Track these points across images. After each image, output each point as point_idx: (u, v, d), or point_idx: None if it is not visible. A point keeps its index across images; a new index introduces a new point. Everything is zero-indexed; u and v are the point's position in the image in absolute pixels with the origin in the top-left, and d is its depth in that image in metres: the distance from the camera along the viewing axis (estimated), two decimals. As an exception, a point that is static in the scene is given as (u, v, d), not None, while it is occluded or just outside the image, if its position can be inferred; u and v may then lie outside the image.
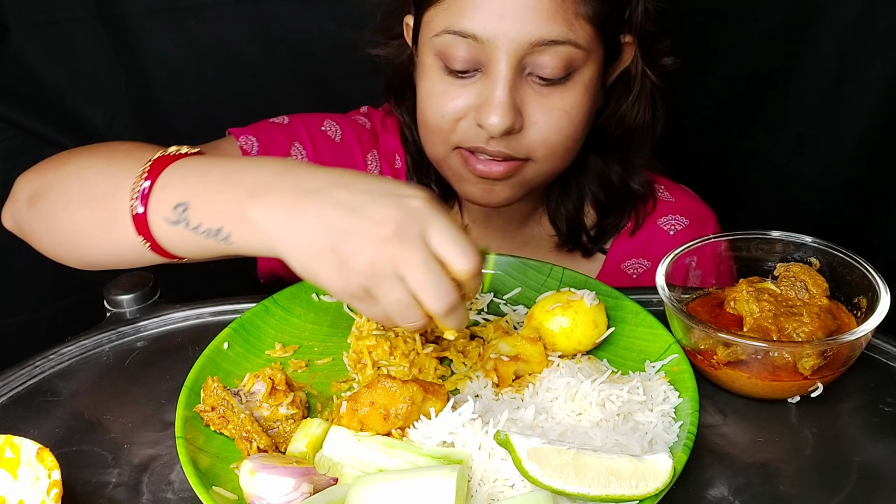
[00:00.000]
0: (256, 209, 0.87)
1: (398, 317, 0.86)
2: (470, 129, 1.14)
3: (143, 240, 0.95)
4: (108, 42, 1.61)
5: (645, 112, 1.28)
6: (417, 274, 0.83)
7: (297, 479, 0.82)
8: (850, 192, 1.75)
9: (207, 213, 0.90)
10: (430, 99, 1.16)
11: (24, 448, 0.83)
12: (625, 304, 1.08)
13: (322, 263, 0.85)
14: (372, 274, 0.83)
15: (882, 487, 0.88)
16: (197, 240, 0.92)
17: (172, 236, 0.93)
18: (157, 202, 0.93)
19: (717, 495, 0.88)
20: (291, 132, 1.30)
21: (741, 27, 1.65)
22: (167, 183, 0.93)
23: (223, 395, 0.92)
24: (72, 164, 1.06)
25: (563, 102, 1.13)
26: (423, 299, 0.84)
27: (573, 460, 0.81)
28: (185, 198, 0.92)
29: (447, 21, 1.10)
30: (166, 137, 1.68)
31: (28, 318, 1.72)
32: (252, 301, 1.11)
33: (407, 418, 0.88)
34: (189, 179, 0.93)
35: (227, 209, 0.89)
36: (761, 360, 0.96)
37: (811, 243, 1.09)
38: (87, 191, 1.00)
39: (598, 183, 1.32)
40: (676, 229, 1.36)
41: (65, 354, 1.09)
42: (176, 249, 0.95)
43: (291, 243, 0.86)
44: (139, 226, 0.94)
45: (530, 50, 1.08)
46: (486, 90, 1.11)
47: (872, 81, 1.64)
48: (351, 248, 0.83)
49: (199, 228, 0.91)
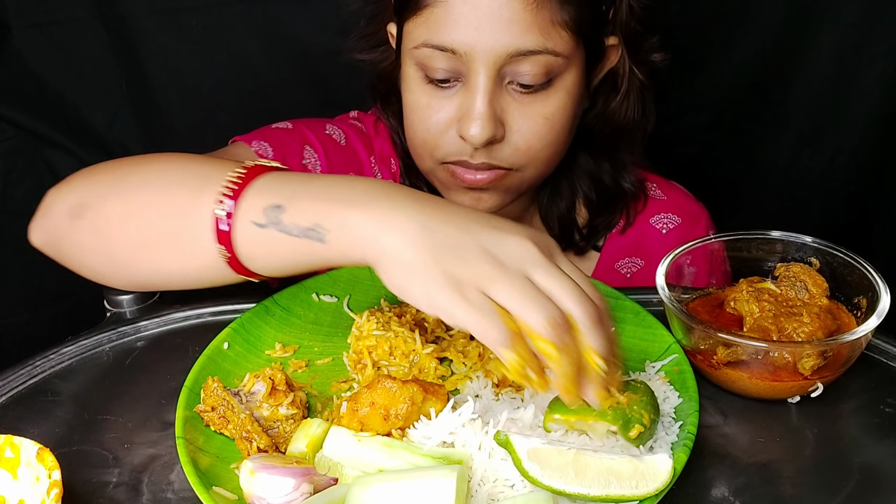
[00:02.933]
0: (360, 214, 0.84)
1: (532, 313, 0.77)
2: (455, 143, 1.15)
3: (222, 250, 0.90)
4: (109, 42, 1.61)
5: (634, 110, 1.28)
6: (552, 279, 0.79)
7: (297, 480, 0.82)
8: (850, 192, 1.75)
9: (304, 213, 0.86)
10: (414, 113, 1.17)
11: (25, 448, 0.83)
12: (625, 304, 1.08)
13: (439, 286, 0.79)
14: (499, 268, 0.78)
15: (883, 488, 0.88)
16: (285, 244, 0.87)
17: (257, 243, 0.89)
18: (248, 206, 0.88)
19: (717, 496, 0.88)
20: (300, 136, 1.29)
21: (742, 27, 1.65)
22: (261, 189, 0.89)
23: (223, 395, 0.92)
24: (128, 171, 1.00)
25: (544, 109, 1.14)
26: (562, 302, 0.78)
27: (573, 460, 0.81)
28: (283, 201, 0.87)
29: (426, 34, 1.11)
30: (166, 137, 1.70)
31: (28, 318, 1.72)
32: (252, 301, 1.11)
33: (407, 418, 0.88)
34: (286, 185, 0.89)
35: (326, 210, 0.85)
36: (761, 360, 0.96)
37: (811, 243, 1.09)
38: (157, 199, 0.94)
39: (588, 181, 1.32)
40: (669, 228, 1.36)
41: (65, 354, 1.09)
42: (257, 260, 0.90)
43: (402, 255, 0.81)
44: (220, 235, 0.89)
45: (508, 60, 1.09)
46: (467, 101, 1.12)
47: (873, 82, 1.64)
48: (475, 253, 0.79)
49: (291, 229, 0.86)
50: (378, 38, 1.29)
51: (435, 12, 1.09)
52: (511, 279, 0.78)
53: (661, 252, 1.34)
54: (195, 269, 0.95)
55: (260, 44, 1.64)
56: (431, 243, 0.80)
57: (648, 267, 1.37)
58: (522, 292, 0.78)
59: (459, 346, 1.05)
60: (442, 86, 1.14)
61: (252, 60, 1.66)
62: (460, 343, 1.06)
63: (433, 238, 0.80)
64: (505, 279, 0.78)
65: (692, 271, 1.09)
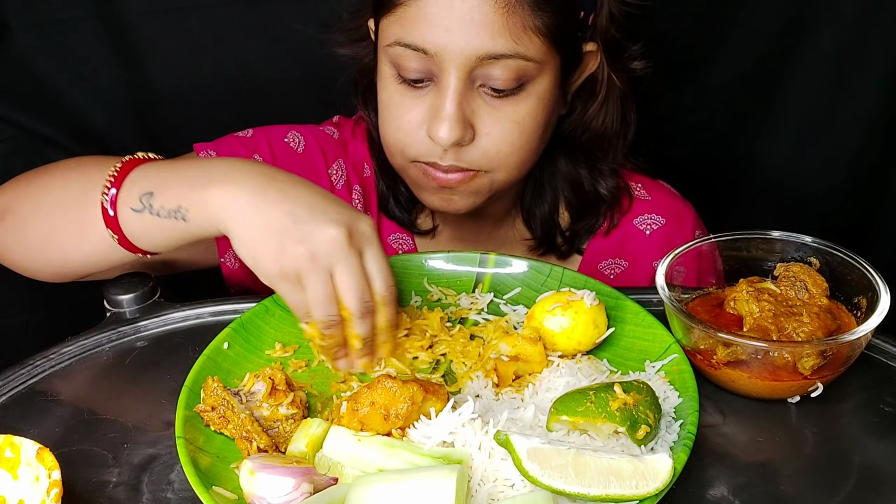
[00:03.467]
0: (215, 190, 0.96)
1: (318, 307, 0.94)
2: (425, 144, 1.15)
3: (111, 233, 1.02)
4: (109, 42, 1.61)
5: (613, 118, 1.27)
6: (348, 277, 0.93)
7: (297, 479, 0.82)
8: (849, 191, 1.75)
9: (169, 197, 0.98)
10: (387, 111, 1.18)
11: (25, 448, 0.83)
12: (625, 305, 1.08)
13: (267, 241, 0.93)
14: (311, 260, 0.92)
15: (882, 487, 0.88)
16: (158, 224, 0.99)
17: (137, 224, 1.01)
18: (126, 195, 1.01)
19: (717, 495, 0.88)
20: (253, 145, 1.31)
21: (741, 27, 1.65)
22: (135, 179, 1.01)
23: (223, 395, 0.93)
24: (39, 177, 1.13)
25: (515, 114, 1.14)
26: (345, 298, 0.94)
27: (573, 460, 0.81)
28: (151, 188, 1.00)
29: (399, 32, 1.12)
30: (166, 137, 1.69)
31: (28, 318, 1.71)
32: (252, 301, 1.12)
33: (407, 418, 0.89)
34: (155, 174, 1.01)
35: (188, 192, 0.97)
36: (761, 360, 0.96)
37: (811, 243, 1.09)
38: (58, 198, 1.08)
39: (569, 186, 1.33)
40: (653, 229, 1.36)
41: (65, 354, 1.09)
42: (141, 239, 1.02)
43: (244, 220, 0.94)
44: (108, 220, 1.01)
45: (479, 63, 1.09)
46: (437, 102, 1.12)
47: (872, 81, 1.64)
48: (301, 233, 0.92)
49: (160, 211, 0.99)
50: (360, 33, 1.29)
51: (408, 11, 1.10)
52: (316, 275, 0.93)
53: (645, 253, 1.34)
54: (96, 253, 1.07)
55: (260, 43, 1.64)
56: (261, 222, 0.93)
57: (632, 268, 1.36)
58: (320, 290, 0.93)
59: (459, 346, 1.05)
60: (415, 86, 1.14)
61: (252, 60, 1.65)
62: (460, 342, 1.06)
63: (263, 217, 0.93)
64: (311, 274, 0.93)
65: (681, 271, 1.08)
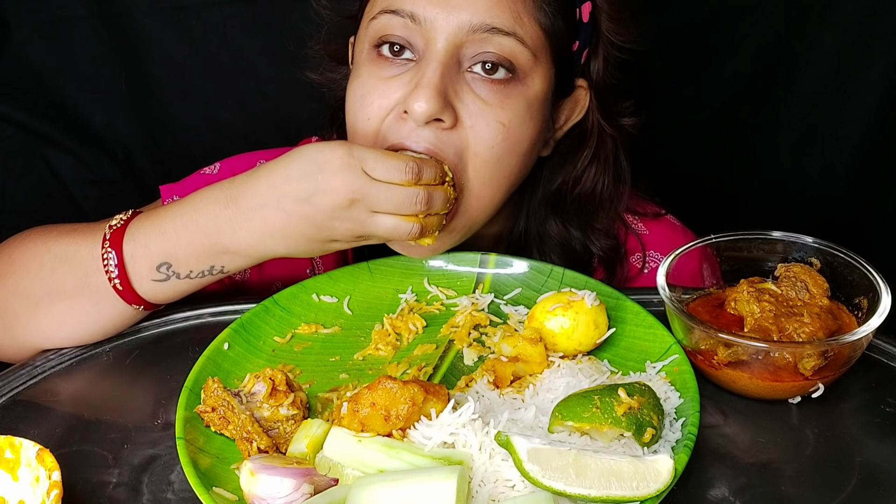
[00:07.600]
0: (231, 238, 1.01)
1: (403, 208, 0.98)
2: (393, 124, 1.08)
3: (136, 306, 1.06)
4: (109, 41, 1.61)
5: (604, 177, 1.23)
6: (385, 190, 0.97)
7: (297, 480, 0.82)
8: (850, 191, 1.75)
9: (193, 262, 1.03)
10: (360, 100, 1.10)
11: (25, 449, 0.83)
12: (625, 305, 1.08)
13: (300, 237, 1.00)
14: (354, 222, 0.99)
15: (883, 487, 0.88)
16: (190, 283, 1.05)
17: (166, 290, 1.06)
18: (135, 272, 1.04)
19: (718, 496, 0.88)
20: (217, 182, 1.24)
21: (742, 28, 1.65)
22: (134, 254, 1.03)
23: (223, 395, 0.92)
24: (13, 268, 1.09)
25: (502, 113, 1.08)
26: (386, 209, 0.98)
27: (574, 461, 0.81)
28: (163, 258, 1.03)
29: (387, 2, 1.08)
30: (166, 136, 1.69)
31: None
32: (252, 301, 1.11)
33: (408, 419, 0.88)
34: (154, 241, 1.03)
35: (207, 251, 1.02)
36: (762, 360, 0.96)
37: (812, 243, 1.09)
38: (53, 288, 1.06)
39: (559, 250, 1.27)
40: (651, 266, 1.31)
41: (65, 354, 1.09)
42: (172, 298, 1.08)
43: (278, 248, 1.01)
44: (129, 297, 1.05)
45: (471, 37, 1.05)
46: (418, 76, 1.06)
47: (873, 81, 1.64)
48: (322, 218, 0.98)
49: (190, 275, 1.04)
50: (340, 55, 1.26)
51: None
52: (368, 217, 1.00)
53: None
54: (119, 325, 1.10)
55: (259, 43, 1.64)
56: (301, 226, 1.00)
57: None
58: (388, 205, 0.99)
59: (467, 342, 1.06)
60: (393, 59, 1.08)
61: (252, 60, 1.65)
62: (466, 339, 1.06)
63: (292, 233, 1.00)
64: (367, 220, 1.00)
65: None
